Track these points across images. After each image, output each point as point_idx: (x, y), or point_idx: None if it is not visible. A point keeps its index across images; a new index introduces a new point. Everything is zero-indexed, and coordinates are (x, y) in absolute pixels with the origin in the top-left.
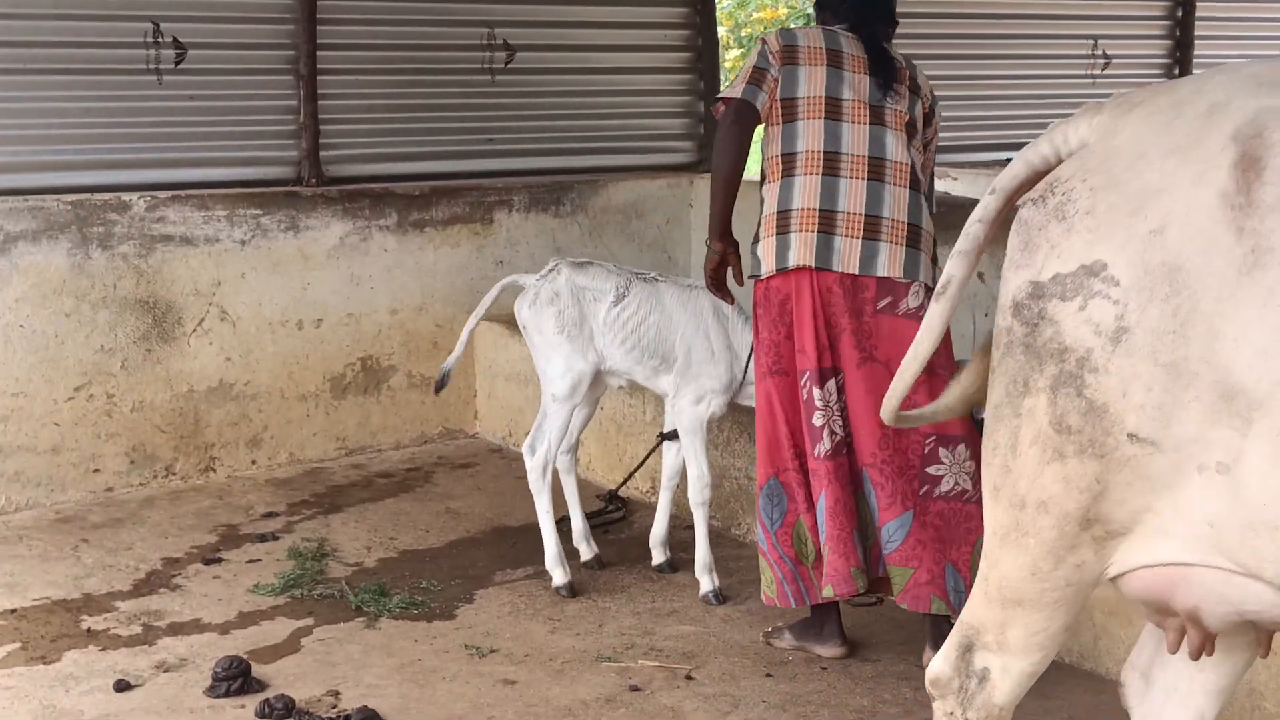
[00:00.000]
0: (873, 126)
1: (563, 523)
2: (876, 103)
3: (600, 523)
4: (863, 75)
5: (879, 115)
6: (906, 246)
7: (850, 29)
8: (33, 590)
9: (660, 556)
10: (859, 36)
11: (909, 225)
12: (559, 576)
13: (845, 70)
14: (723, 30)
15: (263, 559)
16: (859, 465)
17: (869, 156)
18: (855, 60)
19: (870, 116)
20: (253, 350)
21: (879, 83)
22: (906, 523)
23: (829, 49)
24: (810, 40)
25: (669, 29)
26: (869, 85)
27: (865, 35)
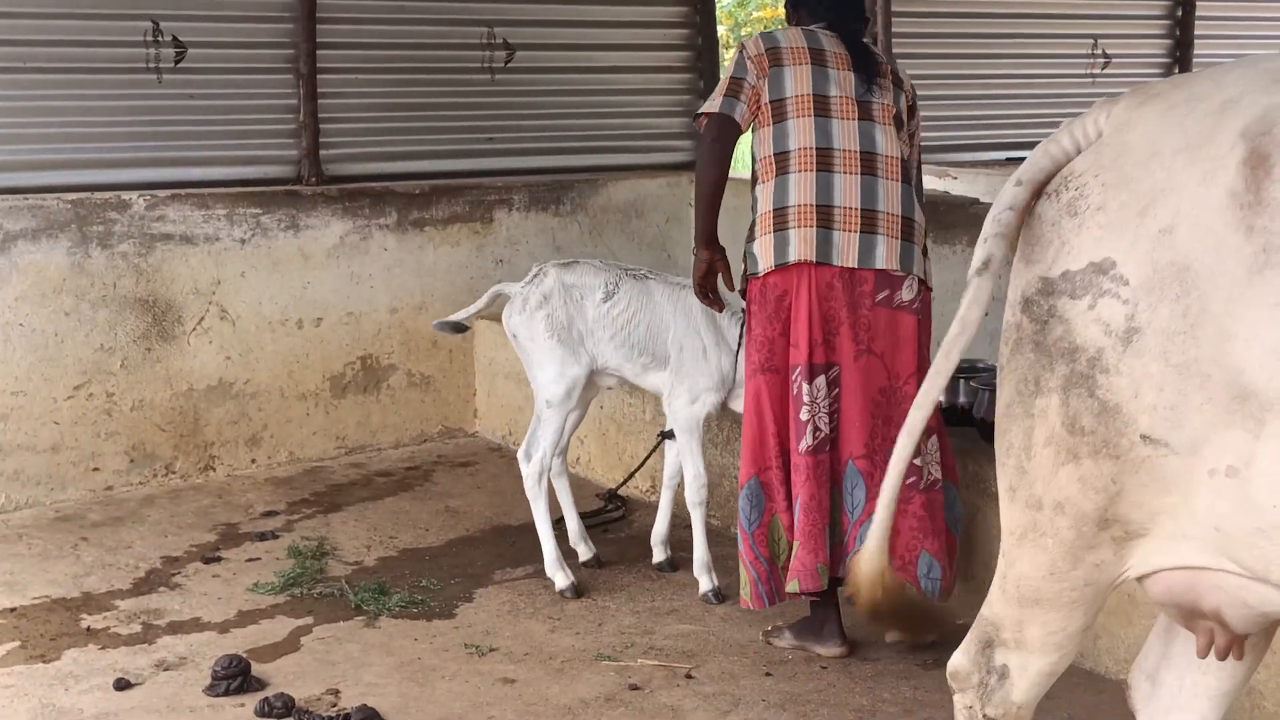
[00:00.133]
0: (861, 122)
1: (558, 524)
2: (863, 98)
3: (599, 522)
4: (847, 72)
5: (867, 110)
6: (901, 240)
7: (827, 27)
8: (32, 589)
9: (661, 555)
10: (837, 34)
11: (903, 218)
12: (561, 580)
13: (830, 68)
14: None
15: (262, 558)
16: (845, 459)
17: (860, 151)
18: (838, 58)
19: (858, 112)
20: (252, 349)
21: (863, 78)
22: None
23: (811, 48)
24: (792, 40)
25: (668, 28)
26: (854, 81)
27: (844, 33)
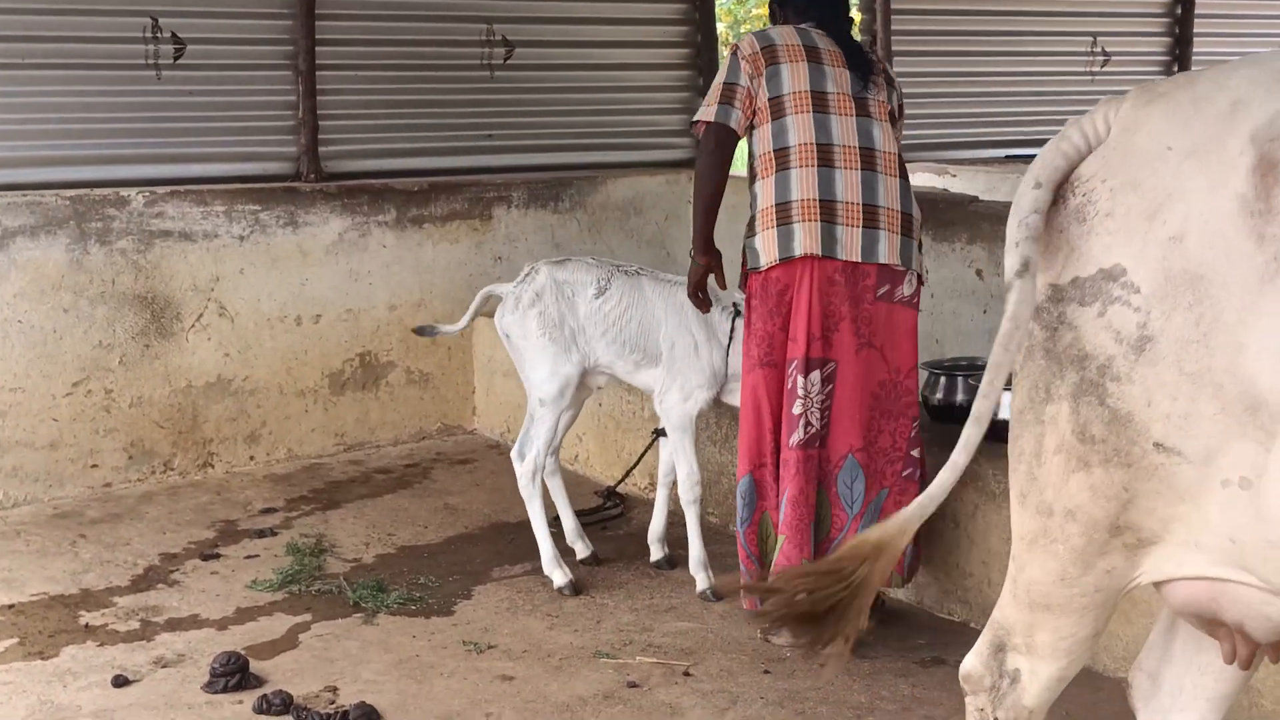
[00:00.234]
0: (859, 119)
1: (555, 523)
2: (859, 95)
3: (598, 519)
4: (842, 69)
5: (863, 107)
6: (901, 235)
7: (817, 26)
8: (30, 585)
9: (658, 553)
10: (828, 33)
11: (902, 214)
12: (559, 578)
13: (826, 65)
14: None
15: (261, 555)
16: (843, 453)
17: (860, 147)
18: (833, 55)
19: (855, 109)
20: (251, 346)
21: (858, 76)
22: (880, 501)
23: (806, 45)
24: (786, 38)
25: (668, 25)
26: (849, 79)
27: (834, 31)
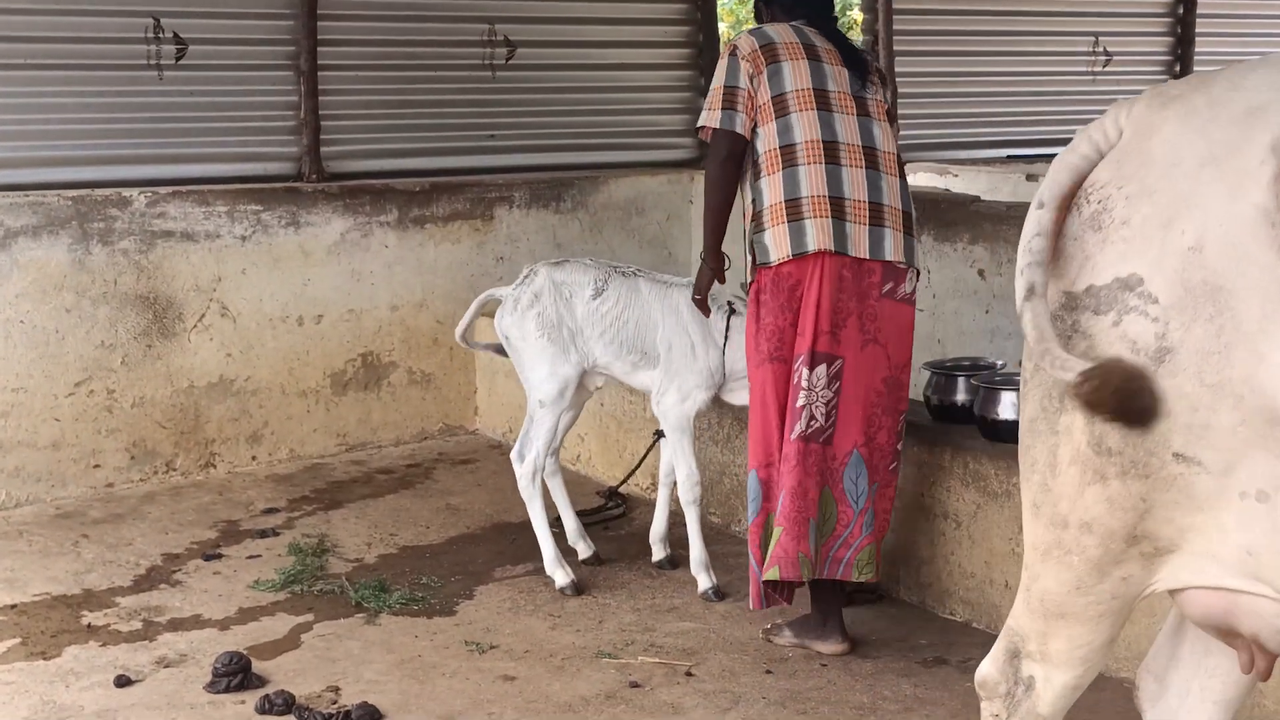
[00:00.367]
0: (860, 117)
1: (556, 523)
2: (858, 94)
3: (600, 519)
4: (840, 68)
5: (863, 106)
6: (904, 233)
7: (807, 24)
8: (33, 586)
9: (660, 553)
10: (819, 30)
11: (903, 212)
12: (561, 578)
13: (824, 63)
14: (723, 26)
15: (263, 555)
16: (849, 449)
17: (862, 146)
18: (830, 53)
19: (856, 107)
20: (253, 346)
21: (856, 75)
22: (873, 494)
23: (803, 44)
24: (784, 36)
25: (669, 25)
26: (848, 77)
27: (825, 29)
